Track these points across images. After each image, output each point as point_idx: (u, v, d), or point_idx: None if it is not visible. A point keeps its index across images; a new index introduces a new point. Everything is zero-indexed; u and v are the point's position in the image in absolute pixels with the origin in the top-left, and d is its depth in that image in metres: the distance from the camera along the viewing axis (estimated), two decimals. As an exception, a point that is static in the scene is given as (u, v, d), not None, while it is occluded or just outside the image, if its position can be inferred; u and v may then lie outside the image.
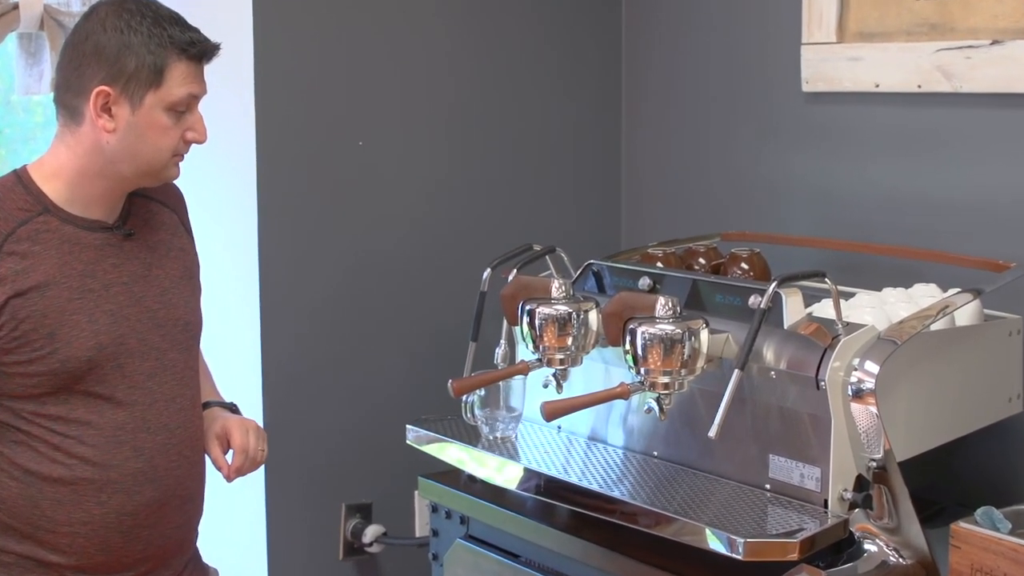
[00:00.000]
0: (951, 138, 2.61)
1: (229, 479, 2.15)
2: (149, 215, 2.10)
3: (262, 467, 2.23)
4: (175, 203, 2.17)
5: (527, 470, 2.32)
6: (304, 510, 2.98)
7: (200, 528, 2.18)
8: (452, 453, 2.47)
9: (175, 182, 2.10)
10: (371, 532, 3.02)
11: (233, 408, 2.24)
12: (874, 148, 2.75)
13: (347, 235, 2.98)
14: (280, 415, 2.91)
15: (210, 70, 2.03)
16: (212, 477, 2.16)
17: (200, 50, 1.98)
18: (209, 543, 2.27)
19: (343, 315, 2.99)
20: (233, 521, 2.99)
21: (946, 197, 2.62)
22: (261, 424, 2.78)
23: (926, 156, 2.66)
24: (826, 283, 2.10)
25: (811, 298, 2.23)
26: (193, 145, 2.01)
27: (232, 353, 2.91)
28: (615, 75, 3.30)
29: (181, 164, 2.03)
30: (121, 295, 2.02)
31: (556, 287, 2.30)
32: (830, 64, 2.76)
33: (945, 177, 2.62)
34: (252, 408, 2.84)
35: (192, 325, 2.12)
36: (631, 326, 2.11)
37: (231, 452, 2.15)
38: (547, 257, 2.57)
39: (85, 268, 1.98)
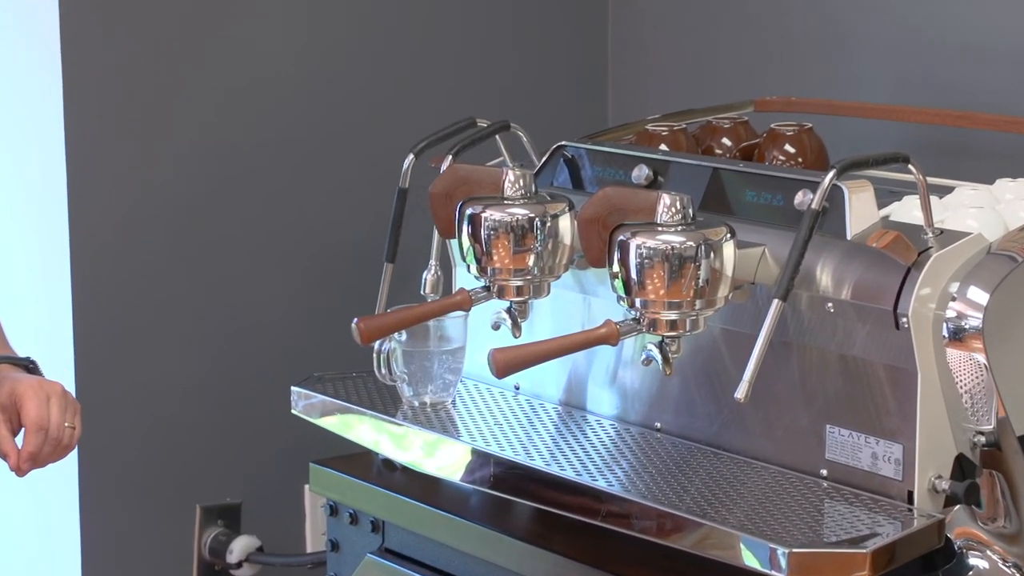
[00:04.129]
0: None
1: (19, 471, 2.12)
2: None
3: (74, 453, 2.22)
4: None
5: (471, 451, 2.33)
6: (138, 516, 2.98)
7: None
8: (360, 428, 2.49)
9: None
10: (240, 547, 3.03)
11: (30, 366, 2.23)
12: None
13: (201, 109, 2.96)
14: (101, 376, 2.90)
15: None
16: (-4, 468, 2.14)
17: None
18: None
19: (195, 227, 2.98)
20: (29, 534, 2.98)
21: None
22: (72, 389, 2.77)
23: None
24: (911, 172, 2.10)
25: (888, 195, 2.24)
26: None
27: (29, 288, 2.91)
28: None
29: None
30: None
31: (511, 181, 2.30)
32: None
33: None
34: (60, 366, 2.82)
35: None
36: (621, 237, 2.11)
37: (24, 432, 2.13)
38: (497, 137, 2.57)
39: None
